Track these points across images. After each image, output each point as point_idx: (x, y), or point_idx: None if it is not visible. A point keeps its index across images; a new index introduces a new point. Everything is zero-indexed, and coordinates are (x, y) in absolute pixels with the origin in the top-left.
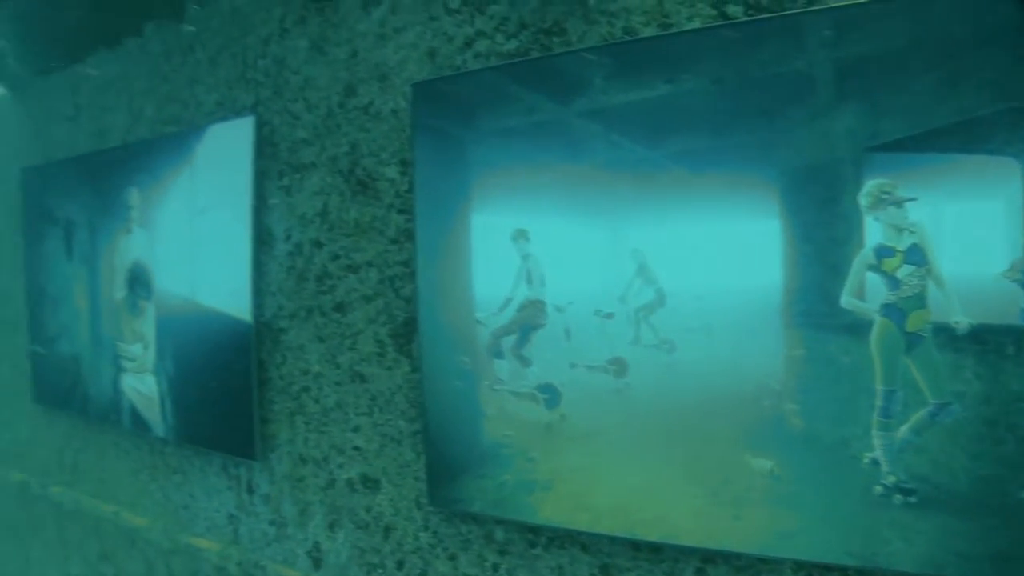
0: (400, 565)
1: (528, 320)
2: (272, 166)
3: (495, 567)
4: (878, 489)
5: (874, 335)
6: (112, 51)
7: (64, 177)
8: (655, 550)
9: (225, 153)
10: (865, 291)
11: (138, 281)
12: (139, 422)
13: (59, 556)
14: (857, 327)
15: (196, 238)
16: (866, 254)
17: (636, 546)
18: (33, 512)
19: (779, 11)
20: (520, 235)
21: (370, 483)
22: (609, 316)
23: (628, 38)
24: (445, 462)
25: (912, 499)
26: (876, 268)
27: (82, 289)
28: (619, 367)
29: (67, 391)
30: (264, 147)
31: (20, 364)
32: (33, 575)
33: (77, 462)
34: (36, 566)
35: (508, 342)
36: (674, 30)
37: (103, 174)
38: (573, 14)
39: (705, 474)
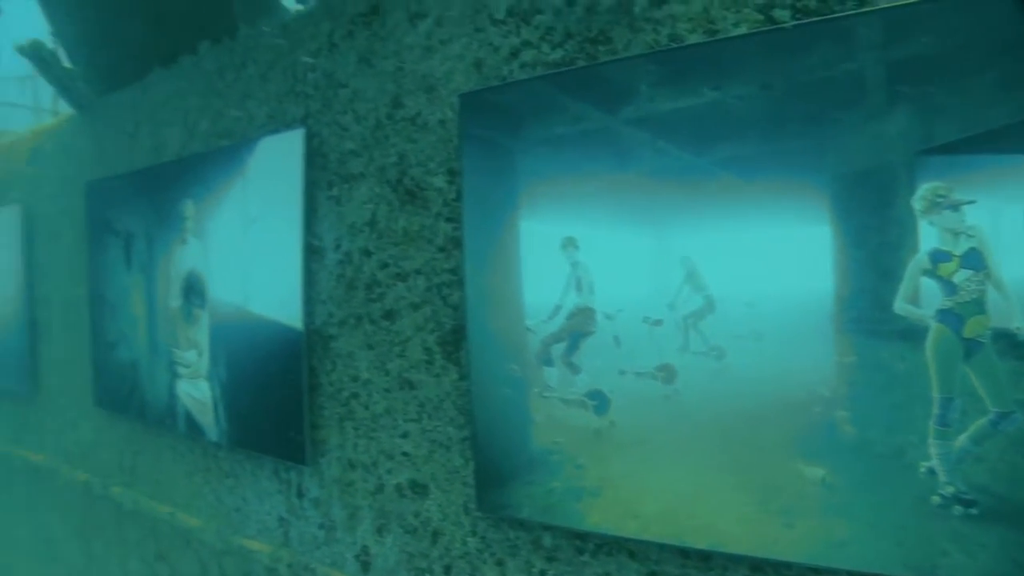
0: (448, 570)
1: (578, 327)
2: (322, 177)
3: (543, 573)
4: (936, 499)
5: (929, 341)
6: (168, 69)
7: (124, 190)
8: (704, 558)
9: (276, 165)
10: (920, 296)
11: (193, 290)
12: (193, 427)
13: (119, 554)
14: (911, 333)
15: (248, 248)
16: (920, 259)
17: (685, 553)
18: (95, 511)
19: (828, 14)
20: (569, 243)
21: (419, 488)
22: (658, 323)
23: (674, 45)
24: (494, 468)
25: (973, 510)
26: (931, 273)
27: (140, 297)
28: (668, 374)
29: (126, 396)
30: (314, 158)
31: (83, 369)
32: (95, 572)
33: (135, 464)
34: (98, 563)
35: (558, 349)
36: (720, 36)
37: (160, 187)
38: (619, 23)
39: (755, 482)
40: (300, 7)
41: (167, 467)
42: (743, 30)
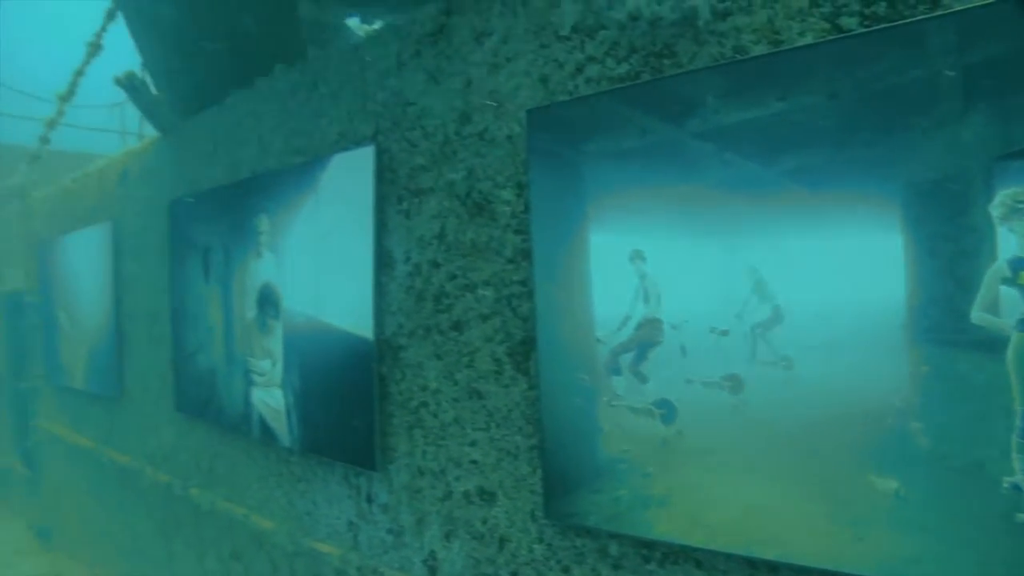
0: None
1: (645, 338)
2: (392, 191)
3: None
4: (1022, 517)
5: (1011, 352)
6: (244, 92)
7: (203, 207)
8: (772, 569)
9: (347, 181)
10: (999, 306)
11: (267, 301)
12: (267, 433)
13: (197, 552)
14: (990, 343)
15: (321, 261)
16: (999, 267)
17: (752, 564)
18: (175, 511)
19: (898, 20)
20: (637, 255)
21: (486, 495)
22: (725, 333)
23: (739, 57)
24: (561, 476)
25: None
26: (1011, 281)
27: (217, 308)
28: (735, 383)
29: (204, 402)
30: (384, 174)
31: (166, 376)
32: (175, 567)
33: (213, 467)
34: (178, 560)
35: (626, 359)
36: (785, 47)
37: (237, 203)
38: (683, 36)
39: (825, 493)
40: (366, 27)
41: (242, 471)
42: (809, 39)
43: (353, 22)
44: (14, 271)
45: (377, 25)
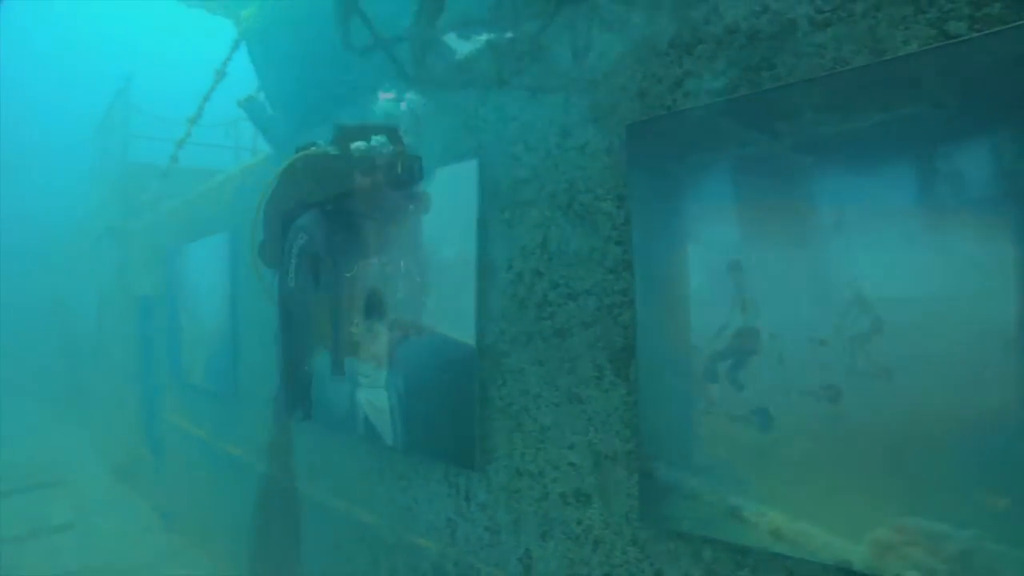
0: None
1: (742, 346)
2: (494, 202)
3: None
4: None
5: None
6: (352, 108)
7: (312, 217)
8: None
9: (451, 192)
10: None
11: (374, 307)
12: (371, 431)
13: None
14: None
15: (425, 269)
16: None
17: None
18: (280, 502)
19: (1016, 20)
20: (735, 265)
21: (583, 498)
22: (823, 343)
23: (839, 68)
24: (657, 481)
25: None
26: None
27: (326, 313)
28: (834, 393)
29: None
30: (487, 186)
31: (274, 376)
32: (276, 556)
33: (317, 462)
34: (281, 549)
35: (723, 367)
36: (888, 56)
37: (345, 213)
38: (782, 48)
39: (927, 507)
40: (468, 45)
41: (345, 466)
42: (913, 47)
43: (454, 40)
44: (145, 278)
45: (479, 43)
